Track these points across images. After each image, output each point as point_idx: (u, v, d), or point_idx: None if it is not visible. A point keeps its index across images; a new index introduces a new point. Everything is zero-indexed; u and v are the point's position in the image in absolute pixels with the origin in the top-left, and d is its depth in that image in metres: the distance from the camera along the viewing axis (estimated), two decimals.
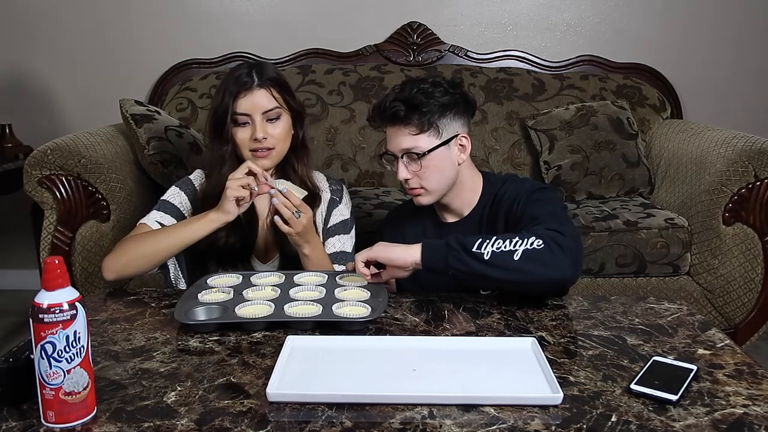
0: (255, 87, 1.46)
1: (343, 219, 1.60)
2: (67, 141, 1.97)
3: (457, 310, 1.28)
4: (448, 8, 2.86)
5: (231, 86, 1.46)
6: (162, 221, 1.50)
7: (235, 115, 1.46)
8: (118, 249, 1.45)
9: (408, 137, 1.42)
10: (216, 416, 0.87)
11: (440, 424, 0.86)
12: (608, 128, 2.44)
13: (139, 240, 1.44)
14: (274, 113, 1.47)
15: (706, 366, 1.03)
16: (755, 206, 2.05)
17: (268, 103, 1.47)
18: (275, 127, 1.48)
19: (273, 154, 1.49)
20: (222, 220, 1.39)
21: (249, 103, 1.45)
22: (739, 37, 2.87)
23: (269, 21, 2.86)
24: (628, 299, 1.36)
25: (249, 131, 1.47)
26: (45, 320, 0.83)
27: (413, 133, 1.42)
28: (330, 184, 1.64)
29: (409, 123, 1.41)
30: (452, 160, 1.45)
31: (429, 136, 1.42)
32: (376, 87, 2.67)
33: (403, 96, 1.41)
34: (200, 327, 1.16)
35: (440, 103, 1.41)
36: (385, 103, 1.42)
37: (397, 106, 1.40)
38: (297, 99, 1.55)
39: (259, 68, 1.49)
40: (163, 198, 1.57)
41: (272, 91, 1.47)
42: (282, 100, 1.48)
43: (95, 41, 2.85)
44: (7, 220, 2.93)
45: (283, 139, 1.50)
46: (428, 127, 1.42)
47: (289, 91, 1.52)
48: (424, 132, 1.42)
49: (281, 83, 1.50)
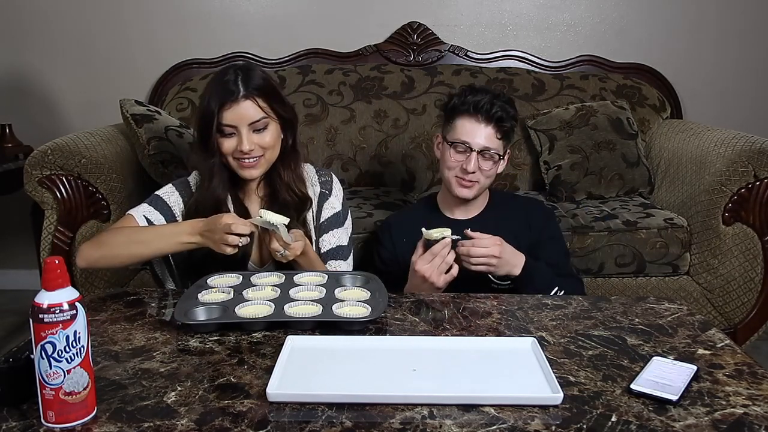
0: (241, 98, 1.42)
1: (335, 212, 1.59)
2: (67, 141, 1.97)
3: (457, 310, 1.28)
4: (448, 8, 2.86)
5: (216, 95, 1.43)
6: (150, 217, 1.49)
7: (221, 126, 1.43)
8: (97, 240, 1.44)
9: (494, 139, 1.61)
10: (216, 416, 0.87)
11: (440, 424, 0.86)
12: (608, 128, 2.44)
13: (118, 237, 1.42)
14: (261, 124, 1.44)
15: (706, 366, 1.03)
16: (755, 206, 2.04)
17: (255, 113, 1.43)
18: (263, 136, 1.45)
19: (261, 162, 1.47)
20: (205, 245, 1.37)
21: (235, 115, 1.42)
22: (740, 37, 2.87)
23: (269, 21, 2.86)
24: (628, 299, 1.36)
25: (235, 141, 1.44)
26: (45, 320, 0.83)
27: (498, 137, 1.62)
28: (319, 176, 1.62)
29: (500, 128, 1.61)
30: (500, 167, 1.67)
31: (504, 143, 1.65)
32: (376, 87, 2.67)
33: (500, 103, 1.60)
34: (200, 327, 1.16)
35: (516, 116, 1.65)
36: (483, 101, 1.59)
37: (499, 110, 1.59)
38: (287, 104, 1.51)
39: (246, 76, 1.44)
40: (157, 193, 1.55)
41: (258, 101, 1.43)
42: (269, 108, 1.45)
43: (95, 41, 2.85)
44: (7, 220, 2.93)
45: (271, 147, 1.47)
46: (508, 137, 1.65)
47: (277, 98, 1.48)
48: (504, 139, 1.64)
49: (268, 91, 1.46)
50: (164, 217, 1.51)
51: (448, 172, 1.65)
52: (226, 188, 1.51)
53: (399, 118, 2.61)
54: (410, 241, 1.67)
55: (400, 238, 1.72)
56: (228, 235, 1.31)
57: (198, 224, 1.38)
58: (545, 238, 1.69)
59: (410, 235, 1.69)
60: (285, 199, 1.53)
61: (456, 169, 1.63)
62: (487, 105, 1.58)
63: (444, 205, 1.74)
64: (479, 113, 1.59)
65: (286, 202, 1.52)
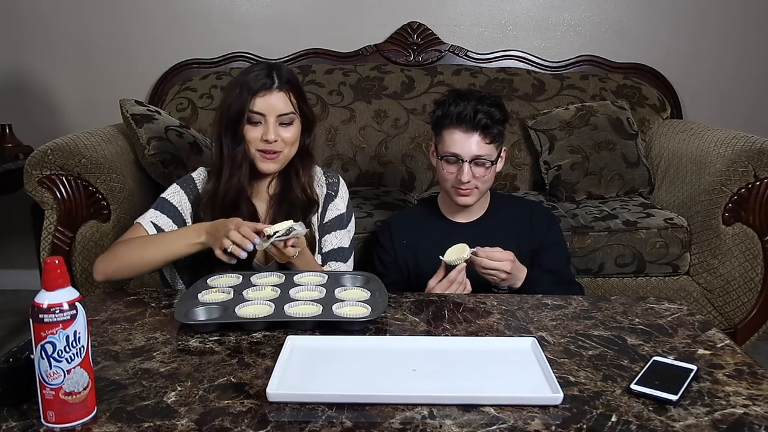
0: (275, 89, 1.46)
1: (339, 214, 1.60)
2: (67, 141, 1.97)
3: (457, 310, 1.28)
4: (448, 8, 2.86)
5: (250, 83, 1.46)
6: (157, 222, 1.50)
7: (251, 113, 1.46)
8: (110, 253, 1.46)
9: (483, 146, 1.59)
10: (216, 416, 0.87)
11: (440, 424, 0.86)
12: (608, 128, 2.44)
13: (129, 248, 1.45)
14: (288, 118, 1.48)
15: (706, 366, 1.03)
16: (755, 206, 2.04)
17: (285, 106, 1.47)
18: (287, 131, 1.48)
19: (280, 158, 1.49)
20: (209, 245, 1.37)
21: (266, 104, 1.46)
22: (740, 37, 2.87)
23: (269, 21, 2.86)
24: (628, 299, 1.36)
25: (260, 131, 1.47)
26: (45, 320, 0.83)
27: (487, 142, 1.60)
28: (326, 177, 1.64)
29: (487, 134, 1.59)
30: (496, 169, 1.67)
31: (495, 146, 1.63)
32: (376, 87, 2.67)
33: (485, 108, 1.58)
34: (200, 327, 1.16)
35: (504, 118, 1.63)
36: (465, 111, 1.57)
37: (483, 117, 1.56)
38: (309, 106, 1.55)
39: (279, 70, 1.49)
40: (163, 196, 1.56)
41: (290, 95, 1.48)
42: (297, 105, 1.49)
43: (95, 41, 2.85)
44: (7, 220, 2.93)
45: (291, 144, 1.50)
46: (498, 139, 1.63)
47: (304, 98, 1.53)
48: (494, 143, 1.62)
49: (298, 89, 1.51)
50: (172, 219, 1.52)
51: (445, 184, 1.67)
52: (248, 178, 1.52)
53: (399, 118, 2.62)
54: (410, 243, 1.68)
55: (400, 240, 1.72)
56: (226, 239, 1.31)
57: (205, 224, 1.41)
58: (548, 244, 1.69)
59: (410, 236, 1.70)
60: (294, 199, 1.54)
61: (451, 181, 1.63)
62: (471, 113, 1.57)
63: (445, 208, 1.74)
64: (463, 123, 1.58)
65: (294, 201, 1.54)
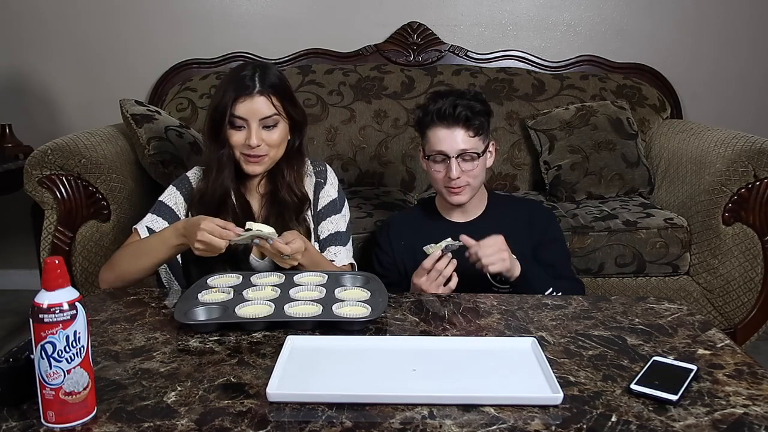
0: (255, 93, 1.45)
1: (331, 200, 1.61)
2: (67, 141, 1.97)
3: (457, 310, 1.28)
4: (448, 8, 2.86)
5: (232, 87, 1.46)
6: (153, 226, 1.51)
7: (233, 118, 1.46)
8: (111, 262, 1.48)
9: (467, 139, 1.60)
10: (216, 416, 0.87)
11: (440, 424, 0.86)
12: (608, 128, 2.44)
13: (123, 256, 1.47)
14: (272, 120, 1.48)
15: (706, 366, 1.03)
16: (755, 206, 2.04)
17: (267, 110, 1.47)
18: (271, 134, 1.48)
19: (265, 160, 1.50)
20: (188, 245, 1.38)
21: (247, 108, 1.45)
22: (740, 37, 2.87)
23: (269, 21, 2.86)
24: (628, 299, 1.36)
25: (244, 135, 1.47)
26: (45, 320, 0.83)
27: (471, 135, 1.60)
28: (314, 166, 1.64)
29: (470, 126, 1.59)
30: (486, 163, 1.67)
31: (480, 139, 1.62)
32: (376, 87, 2.67)
33: (465, 102, 1.59)
34: (200, 327, 1.16)
35: (486, 110, 1.63)
36: (444, 106, 1.58)
37: (462, 110, 1.57)
38: (298, 106, 1.54)
39: (263, 72, 1.48)
40: (160, 199, 1.57)
41: (272, 99, 1.47)
42: (281, 107, 1.48)
43: (95, 41, 2.85)
44: (7, 220, 2.93)
45: (277, 146, 1.50)
46: (482, 131, 1.62)
47: (290, 99, 1.52)
48: (479, 135, 1.61)
49: (282, 90, 1.50)
50: (168, 222, 1.52)
51: (436, 184, 1.68)
52: (233, 180, 1.54)
53: (399, 118, 2.61)
54: (408, 244, 1.69)
55: (398, 241, 1.72)
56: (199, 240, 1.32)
57: (179, 225, 1.41)
58: (548, 240, 1.69)
59: (408, 237, 1.70)
60: (284, 199, 1.55)
61: (442, 180, 1.64)
62: (450, 109, 1.58)
63: (442, 209, 1.75)
64: (444, 119, 1.59)
65: (285, 201, 1.55)
